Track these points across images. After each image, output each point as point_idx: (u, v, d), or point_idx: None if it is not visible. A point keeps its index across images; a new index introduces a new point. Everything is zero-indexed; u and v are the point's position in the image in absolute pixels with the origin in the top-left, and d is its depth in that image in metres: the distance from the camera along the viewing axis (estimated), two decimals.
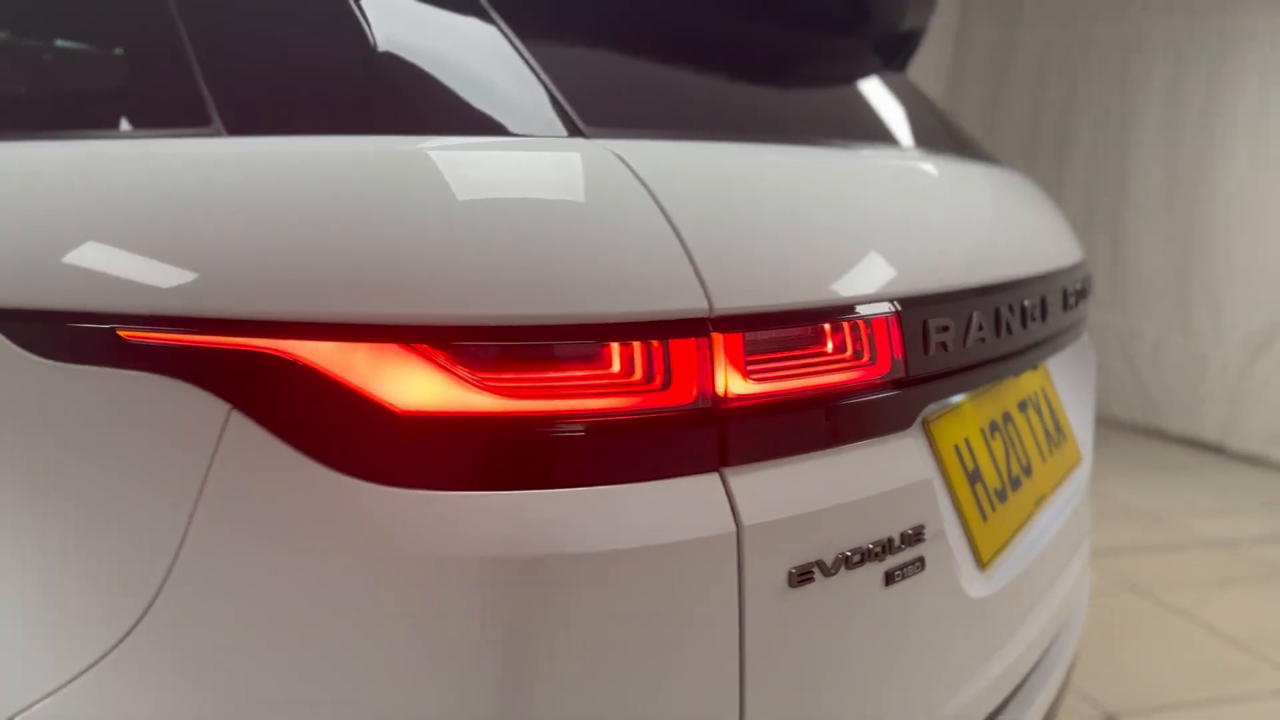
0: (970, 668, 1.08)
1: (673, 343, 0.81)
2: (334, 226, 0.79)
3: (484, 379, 0.78)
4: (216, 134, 0.90)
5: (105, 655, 0.83)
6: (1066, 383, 1.58)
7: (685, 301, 0.81)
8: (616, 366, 0.80)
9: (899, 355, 0.96)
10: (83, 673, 0.83)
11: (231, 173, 0.84)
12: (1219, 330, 4.63)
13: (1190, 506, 3.87)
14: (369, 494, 0.77)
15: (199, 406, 0.79)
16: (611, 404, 0.80)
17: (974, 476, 1.16)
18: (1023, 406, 1.38)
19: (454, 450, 0.78)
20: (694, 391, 0.82)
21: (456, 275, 0.77)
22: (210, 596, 0.80)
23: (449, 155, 0.83)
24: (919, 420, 1.04)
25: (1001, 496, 1.22)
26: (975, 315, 1.07)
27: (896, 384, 0.96)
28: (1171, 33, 4.79)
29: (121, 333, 0.82)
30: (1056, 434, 1.48)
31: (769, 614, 0.85)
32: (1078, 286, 1.46)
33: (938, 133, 1.50)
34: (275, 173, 0.82)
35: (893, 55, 1.62)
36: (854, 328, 0.92)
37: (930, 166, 1.25)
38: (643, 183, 0.85)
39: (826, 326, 0.90)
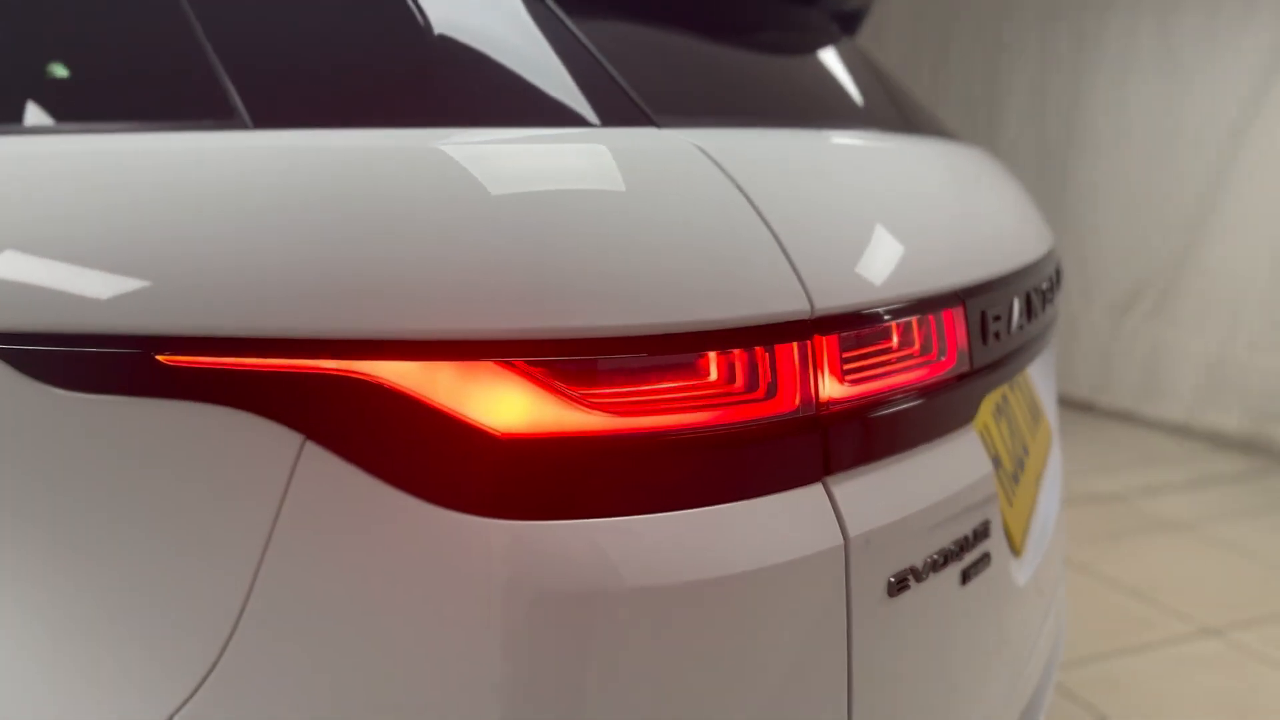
0: (1024, 657, 1.07)
1: (778, 348, 0.76)
2: (411, 231, 0.70)
3: (588, 396, 0.71)
4: (242, 126, 0.79)
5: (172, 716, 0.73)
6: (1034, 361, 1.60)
7: (788, 304, 0.76)
8: (715, 375, 0.75)
9: (965, 347, 0.93)
10: None
11: (279, 171, 0.74)
12: (1086, 292, 4.85)
13: (1071, 463, 4.04)
14: (470, 527, 0.70)
15: (265, 438, 0.70)
16: (717, 416, 0.75)
17: (996, 462, 1.15)
18: (1012, 386, 1.38)
19: (563, 476, 0.71)
20: (797, 399, 0.77)
21: (552, 284, 0.70)
22: (286, 647, 0.71)
23: (525, 150, 0.76)
24: None
25: (1015, 479, 1.22)
26: (1015, 301, 1.05)
27: (962, 377, 0.94)
28: None
29: (159, 357, 0.72)
30: (1035, 411, 1.49)
31: (872, 627, 0.81)
32: (1059, 266, 1.47)
33: (918, 112, 1.49)
34: (333, 170, 0.73)
35: (849, 28, 1.60)
36: (930, 322, 0.88)
37: (941, 149, 1.22)
38: (728, 176, 0.79)
39: (906, 322, 0.86)
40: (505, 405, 0.70)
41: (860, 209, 0.88)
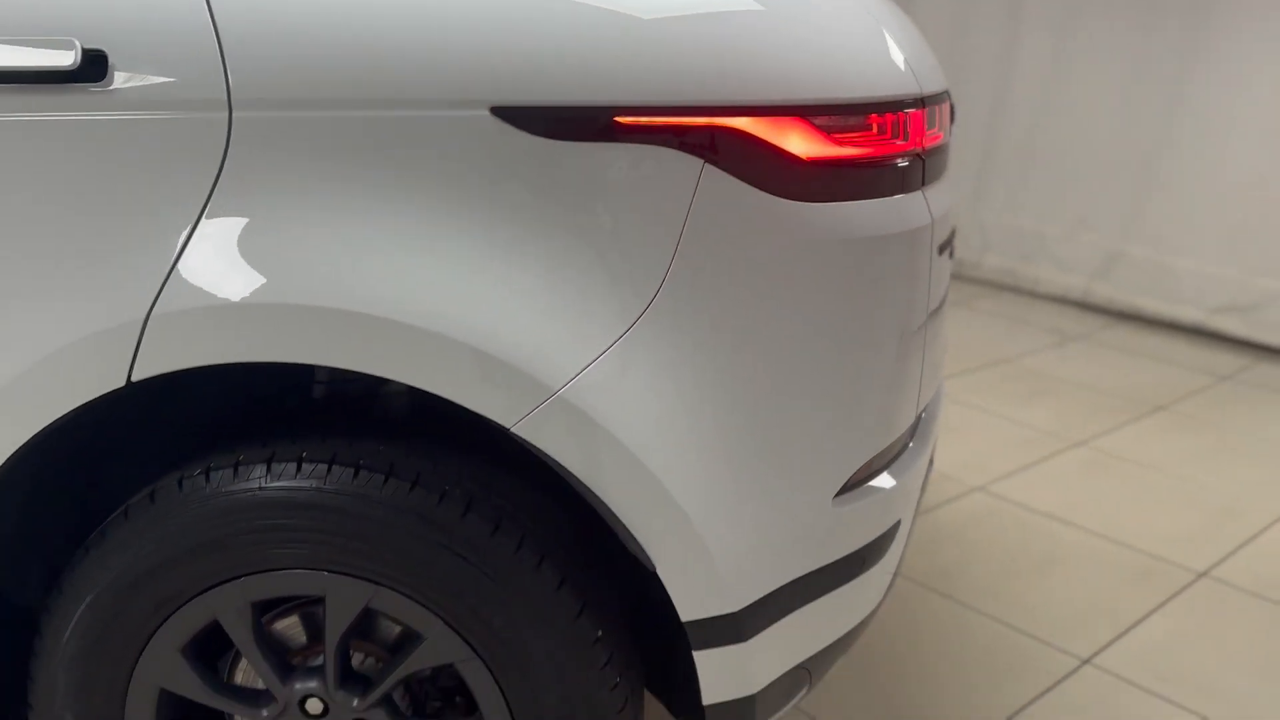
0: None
1: (911, 114, 1.43)
2: (752, 48, 1.30)
3: (838, 136, 1.35)
4: None
5: (617, 341, 1.29)
6: None
7: (911, 89, 1.44)
8: (876, 129, 1.41)
9: (946, 126, 1.65)
10: (604, 352, 1.29)
11: (687, 8, 1.29)
12: None
13: None
14: (792, 207, 1.32)
15: (683, 164, 1.27)
16: (885, 150, 1.41)
17: None
18: None
19: (840, 178, 1.35)
20: (916, 143, 1.45)
21: (820, 73, 1.33)
22: (702, 300, 1.30)
23: None
24: None
25: None
26: (954, 106, 1.79)
27: (943, 145, 1.66)
28: None
29: (618, 118, 1.27)
30: None
31: (934, 270, 1.54)
32: None
33: None
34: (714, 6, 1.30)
35: None
36: (938, 109, 1.59)
37: None
38: (871, 14, 1.45)
39: (937, 107, 1.56)
40: (801, 142, 1.32)
41: (910, 36, 1.56)
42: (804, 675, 1.55)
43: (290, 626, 1.50)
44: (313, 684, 1.44)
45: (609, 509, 1.32)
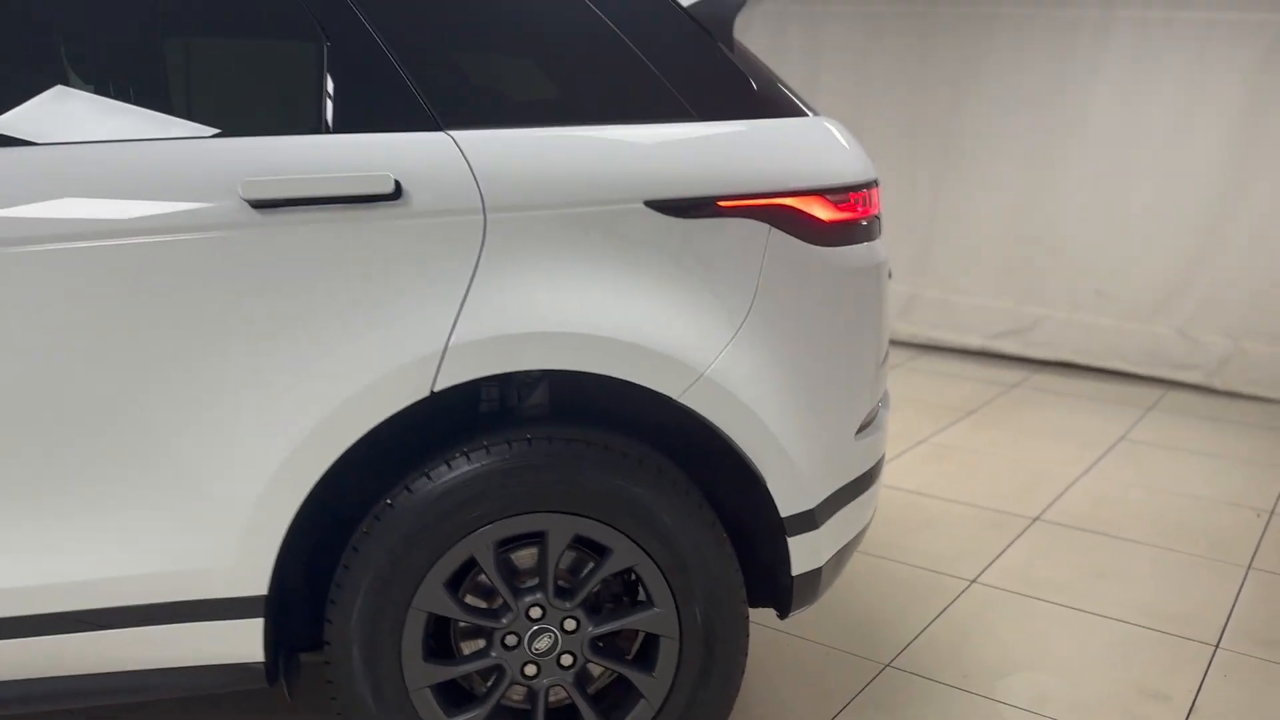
0: None
1: (872, 192, 2.30)
2: (790, 166, 2.13)
3: (837, 206, 2.19)
4: (693, 118, 2.12)
5: (731, 340, 2.06)
6: None
7: (871, 176, 2.30)
8: (850, 201, 2.26)
9: (878, 206, 2.53)
10: (724, 347, 2.06)
11: (752, 137, 2.10)
12: None
13: None
14: (826, 252, 2.14)
15: (758, 229, 2.07)
16: (858, 214, 2.26)
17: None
18: None
19: (841, 233, 2.19)
20: (875, 210, 2.32)
21: (829, 169, 2.17)
22: (775, 312, 2.10)
23: (792, 127, 2.21)
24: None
25: None
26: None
27: (878, 214, 2.53)
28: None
29: (719, 203, 2.06)
30: None
31: (889, 289, 2.40)
32: None
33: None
34: (766, 135, 2.12)
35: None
36: (872, 193, 2.46)
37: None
38: (847, 132, 2.31)
39: (868, 191, 2.43)
40: (823, 211, 2.15)
41: (854, 143, 2.43)
42: (841, 561, 2.35)
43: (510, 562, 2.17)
44: (536, 596, 2.11)
45: (735, 443, 2.08)
